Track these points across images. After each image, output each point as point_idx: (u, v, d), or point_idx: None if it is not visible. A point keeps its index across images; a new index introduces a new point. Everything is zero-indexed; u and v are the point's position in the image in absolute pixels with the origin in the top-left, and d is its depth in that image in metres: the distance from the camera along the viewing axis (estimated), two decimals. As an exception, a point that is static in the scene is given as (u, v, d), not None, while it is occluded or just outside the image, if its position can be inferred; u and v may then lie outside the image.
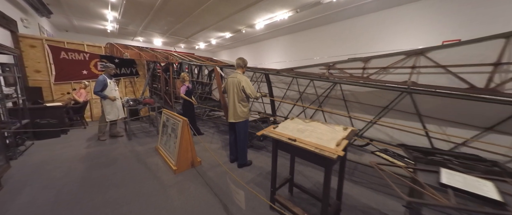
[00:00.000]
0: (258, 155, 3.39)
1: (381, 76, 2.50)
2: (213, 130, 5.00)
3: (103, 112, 3.92)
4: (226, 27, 8.36)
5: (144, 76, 6.74)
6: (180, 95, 4.05)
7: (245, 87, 2.58)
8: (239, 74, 2.67)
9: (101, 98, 3.86)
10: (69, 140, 3.99)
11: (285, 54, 9.51)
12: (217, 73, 3.63)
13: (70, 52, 5.25)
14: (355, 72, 2.74)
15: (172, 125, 3.00)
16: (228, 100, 2.80)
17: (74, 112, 4.67)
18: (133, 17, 7.30)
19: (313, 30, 7.91)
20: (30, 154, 3.23)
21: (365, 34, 6.45)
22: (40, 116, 3.98)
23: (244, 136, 2.79)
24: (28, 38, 4.68)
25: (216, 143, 4.00)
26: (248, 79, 2.64)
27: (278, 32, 8.61)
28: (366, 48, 6.37)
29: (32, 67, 4.80)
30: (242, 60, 2.73)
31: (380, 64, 2.48)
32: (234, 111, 2.70)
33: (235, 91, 2.64)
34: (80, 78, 5.41)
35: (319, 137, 1.55)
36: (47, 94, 5.03)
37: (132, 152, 3.44)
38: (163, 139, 3.31)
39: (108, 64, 3.88)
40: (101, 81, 3.76)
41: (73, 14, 6.96)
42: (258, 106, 4.80)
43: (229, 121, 2.77)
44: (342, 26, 7.00)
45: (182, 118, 2.74)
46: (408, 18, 5.54)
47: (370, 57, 2.53)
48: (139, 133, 4.58)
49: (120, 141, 4.03)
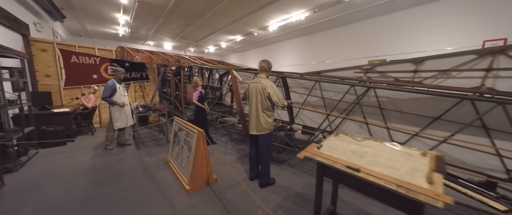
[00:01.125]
0: (279, 170, 2.97)
1: (440, 82, 2.03)
2: (225, 138, 4.63)
3: (111, 118, 3.66)
4: (237, 30, 8.10)
5: (154, 81, 6.55)
6: (192, 101, 3.72)
7: (271, 94, 2.19)
8: (264, 79, 2.29)
9: (109, 105, 3.61)
10: (75, 149, 3.74)
11: (298, 57, 9.10)
12: (234, 78, 3.28)
13: (80, 56, 5.12)
14: (403, 76, 2.28)
15: (185, 136, 2.65)
16: (249, 109, 2.41)
17: (82, 118, 4.47)
18: (144, 20, 7.20)
19: (330, 31, 7.46)
20: (33, 164, 2.98)
21: (390, 35, 5.93)
22: (47, 122, 3.77)
23: (268, 150, 2.38)
24: (40, 42, 4.57)
25: (230, 154, 3.61)
26: (274, 85, 2.25)
27: (291, 34, 8.24)
28: (392, 50, 5.85)
29: (42, 72, 4.68)
30: (267, 63, 2.35)
31: (439, 66, 2.01)
32: (256, 121, 2.31)
33: (259, 98, 2.26)
34: (90, 82, 5.26)
35: (391, 165, 1.12)
36: (56, 99, 4.89)
37: (140, 164, 3.11)
38: (174, 150, 2.96)
39: (118, 68, 3.63)
40: (109, 87, 3.51)
41: (86, 18, 6.94)
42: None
43: (250, 133, 2.38)
44: (364, 26, 6.50)
45: (197, 128, 2.37)
46: (444, 16, 4.97)
47: (424, 58, 2.07)
48: (148, 141, 4.29)
49: (128, 150, 3.74)
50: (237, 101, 3.26)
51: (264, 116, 2.28)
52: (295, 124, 3.86)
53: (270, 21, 6.85)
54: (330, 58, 7.65)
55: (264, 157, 2.37)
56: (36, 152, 3.39)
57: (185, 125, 2.74)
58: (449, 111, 1.99)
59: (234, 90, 3.27)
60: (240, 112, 3.27)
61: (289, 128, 3.69)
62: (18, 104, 2.93)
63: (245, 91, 2.51)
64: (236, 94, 3.25)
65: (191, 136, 2.48)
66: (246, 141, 4.38)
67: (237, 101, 3.26)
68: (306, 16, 5.93)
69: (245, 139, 4.45)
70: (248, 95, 2.42)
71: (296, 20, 6.24)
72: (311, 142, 2.91)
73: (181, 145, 2.76)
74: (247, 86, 2.44)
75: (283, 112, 4.23)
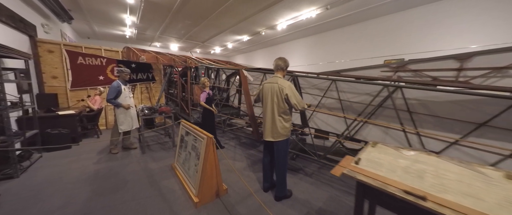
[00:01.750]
0: (295, 179, 2.70)
1: (493, 81, 1.72)
2: (234, 142, 4.40)
3: (116, 121, 3.51)
4: (244, 30, 7.91)
5: (161, 82, 6.43)
6: (200, 103, 3.52)
7: (289, 96, 1.94)
8: (280, 79, 2.04)
9: (114, 107, 3.46)
10: (79, 152, 3.61)
11: (306, 57, 8.80)
12: (244, 78, 3.05)
13: (87, 57, 5.05)
14: (444, 75, 1.98)
15: (193, 141, 2.44)
16: (263, 112, 2.17)
17: (87, 120, 4.36)
18: (151, 21, 7.12)
19: (342, 30, 7.13)
20: (34, 170, 2.85)
21: (408, 33, 5.56)
22: (51, 125, 3.67)
23: (284, 159, 2.13)
24: (47, 43, 4.51)
25: (240, 160, 3.38)
26: (293, 86, 2.00)
27: (300, 33, 7.97)
28: (410, 48, 5.47)
29: (49, 73, 4.61)
30: (284, 61, 2.10)
31: (490, 63, 1.71)
32: (272, 126, 2.06)
33: (275, 101, 2.01)
34: (96, 84, 5.17)
35: (468, 192, 0.85)
36: (62, 101, 4.82)
37: (145, 170, 2.92)
38: (181, 156, 2.75)
39: (123, 69, 3.48)
40: (114, 88, 3.36)
41: (93, 19, 6.94)
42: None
43: (265, 139, 2.13)
44: (378, 24, 6.15)
45: (207, 134, 2.15)
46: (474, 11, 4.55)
47: (471, 53, 1.77)
48: (154, 145, 4.12)
49: (132, 154, 3.58)
50: (248, 104, 3.03)
51: (281, 120, 2.03)
52: (308, 128, 3.59)
53: (278, 20, 6.62)
54: (340, 58, 7.32)
55: (280, 166, 2.12)
56: (39, 156, 3.28)
57: (192, 129, 2.52)
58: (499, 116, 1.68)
59: (245, 91, 3.04)
60: (251, 115, 3.03)
61: (301, 131, 3.42)
62: (19, 107, 2.81)
63: (258, 93, 2.27)
64: (247, 96, 3.02)
65: (199, 141, 2.26)
66: (255, 145, 4.14)
67: (248, 103, 3.03)
68: (318, 13, 5.65)
69: (255, 143, 4.21)
70: (262, 97, 2.18)
71: (306, 18, 5.97)
72: (332, 150, 2.63)
73: (188, 151, 2.55)
74: (261, 87, 2.20)
75: (294, 113, 3.97)
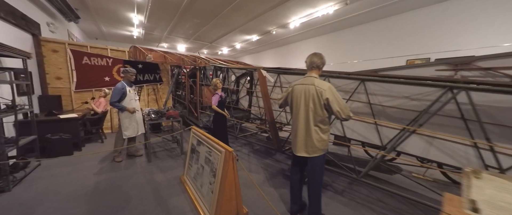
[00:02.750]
0: (325, 199, 2.28)
1: None
2: (246, 149, 4.02)
3: (120, 126, 3.20)
4: (254, 29, 7.56)
5: (168, 84, 6.15)
6: (212, 107, 3.16)
7: (331, 100, 1.54)
8: (317, 80, 1.65)
9: (118, 110, 3.15)
10: (81, 160, 3.32)
11: (319, 58, 8.34)
12: (263, 79, 2.66)
13: (92, 57, 4.81)
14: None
15: (207, 153, 2.07)
16: (293, 121, 1.77)
17: (91, 124, 4.09)
18: (158, 20, 6.90)
19: (359, 27, 6.65)
20: (29, 182, 2.56)
21: (434, 29, 5.04)
22: (52, 130, 3.40)
23: (320, 178, 1.73)
24: (51, 42, 4.30)
25: (256, 171, 2.99)
26: (334, 88, 1.60)
27: (312, 32, 7.55)
28: (437, 46, 4.95)
29: (53, 74, 4.39)
30: (320, 57, 1.70)
31: None
32: (306, 139, 1.66)
33: (311, 107, 1.61)
34: (101, 85, 4.93)
35: None
36: (67, 103, 4.59)
37: (151, 183, 2.58)
38: (192, 169, 2.39)
39: (128, 69, 3.18)
40: (119, 90, 3.05)
41: (101, 18, 6.77)
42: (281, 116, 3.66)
43: (296, 154, 1.73)
44: (400, 20, 5.64)
45: (225, 146, 1.77)
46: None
47: None
48: (160, 151, 3.79)
49: (138, 163, 3.25)
50: (267, 108, 2.64)
51: (318, 131, 1.63)
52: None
53: (291, 18, 6.23)
54: (353, 59, 6.84)
55: (316, 186, 1.71)
56: (38, 164, 3.00)
57: (206, 138, 2.16)
58: None
59: (264, 94, 2.65)
60: (270, 121, 2.64)
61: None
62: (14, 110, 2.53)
63: (285, 96, 1.88)
64: (266, 100, 2.63)
65: (215, 155, 1.89)
66: (271, 153, 3.74)
67: (267, 108, 2.64)
68: (336, 9, 5.23)
69: (270, 151, 3.81)
70: (291, 101, 1.79)
71: (322, 14, 5.55)
72: (373, 166, 2.19)
73: (200, 164, 2.18)
74: (290, 90, 1.81)
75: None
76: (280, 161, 3.40)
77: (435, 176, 2.78)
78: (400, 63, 5.56)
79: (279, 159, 3.52)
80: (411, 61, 5.41)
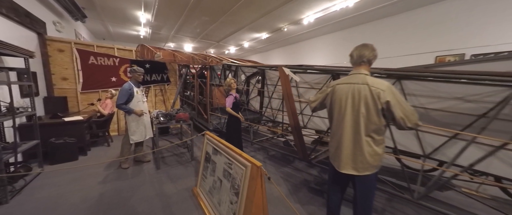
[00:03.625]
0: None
1: None
2: (261, 154, 3.70)
3: (127, 130, 2.95)
4: (264, 26, 7.24)
5: (176, 84, 5.92)
6: (227, 109, 2.86)
7: (393, 104, 1.19)
8: (371, 78, 1.30)
9: (125, 113, 2.90)
10: (85, 166, 3.10)
11: (330, 56, 7.91)
12: (285, 78, 2.33)
13: (99, 57, 4.63)
14: None
15: (226, 165, 1.76)
16: (336, 128, 1.43)
17: (97, 126, 3.88)
18: (166, 18, 6.69)
19: (379, 22, 6.17)
20: (30, 191, 2.33)
21: (470, 21, 4.53)
22: (56, 133, 3.20)
23: (371, 200, 1.38)
24: (56, 41, 4.13)
25: (277, 182, 2.65)
26: (394, 88, 1.25)
27: (327, 28, 7.13)
28: (473, 41, 4.45)
29: (59, 74, 4.23)
30: (371, 49, 1.35)
31: None
32: (354, 152, 1.31)
33: (363, 112, 1.26)
34: (108, 86, 4.74)
35: None
36: (73, 104, 4.42)
37: (161, 195, 2.30)
38: (206, 181, 2.09)
39: (135, 68, 2.92)
40: (125, 91, 2.80)
41: (107, 17, 6.63)
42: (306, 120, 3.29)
43: (340, 171, 1.39)
44: (429, 12, 5.11)
45: (250, 159, 1.46)
46: None
47: None
48: (169, 157, 3.53)
49: (145, 170, 2.99)
50: (291, 112, 2.31)
51: (370, 142, 1.28)
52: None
53: (305, 13, 5.85)
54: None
55: (366, 212, 1.37)
56: (40, 170, 2.79)
57: (224, 147, 1.85)
58: None
59: (287, 95, 2.32)
60: (295, 126, 2.31)
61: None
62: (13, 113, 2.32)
63: (321, 98, 1.54)
64: (290, 102, 2.30)
65: (237, 169, 1.57)
66: (288, 160, 3.41)
67: (291, 111, 2.30)
68: (356, 1, 4.82)
69: (287, 157, 3.47)
70: (332, 105, 1.45)
71: (340, 8, 5.15)
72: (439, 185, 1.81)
73: (217, 177, 1.87)
74: (329, 90, 1.47)
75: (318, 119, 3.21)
76: (300, 170, 3.05)
77: (489, 191, 2.36)
78: (427, 61, 5.09)
79: (299, 167, 3.18)
80: (441, 59, 4.92)
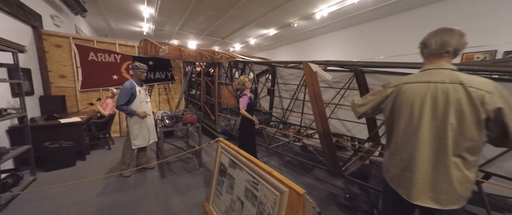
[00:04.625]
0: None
1: None
2: (275, 160, 3.36)
3: (129, 133, 2.64)
4: (273, 21, 6.85)
5: (180, 82, 5.59)
6: (241, 112, 2.52)
7: (505, 113, 0.83)
8: (464, 75, 0.94)
9: (126, 115, 2.59)
10: (83, 172, 2.80)
11: (342, 54, 7.49)
12: (313, 76, 1.97)
13: (99, 53, 4.32)
14: None
15: (250, 184, 1.41)
16: (403, 143, 1.07)
17: (97, 128, 3.58)
18: (170, 13, 6.35)
19: (400, 16, 5.71)
20: (18, 206, 2.04)
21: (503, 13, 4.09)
22: (52, 136, 2.90)
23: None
24: (53, 36, 3.83)
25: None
26: (505, 90, 0.89)
27: (341, 23, 6.70)
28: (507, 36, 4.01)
29: (56, 71, 3.93)
30: (458, 35, 0.98)
31: None
32: (434, 177, 0.95)
33: (452, 123, 0.90)
34: (109, 84, 4.44)
35: None
36: (71, 104, 4.13)
37: (166, 211, 1.98)
38: (222, 199, 1.76)
39: (138, 64, 2.60)
40: (127, 90, 2.48)
41: (109, 12, 6.32)
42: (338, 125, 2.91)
43: (412, 201, 1.02)
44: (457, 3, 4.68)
45: (288, 183, 1.11)
46: None
47: None
48: (174, 162, 3.21)
49: (149, 178, 2.68)
50: (320, 115, 1.95)
51: (460, 165, 0.93)
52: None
53: (319, 6, 5.45)
54: (383, 54, 5.94)
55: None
56: (32, 179, 2.49)
57: (244, 159, 1.51)
58: None
59: (314, 96, 1.96)
60: (326, 133, 1.95)
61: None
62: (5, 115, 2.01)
63: (377, 101, 1.19)
64: (319, 103, 1.94)
65: (267, 192, 1.23)
66: (307, 168, 3.06)
67: (320, 115, 1.95)
68: (378, -7, 4.41)
69: (305, 166, 3.12)
70: (397, 110, 1.09)
71: (358, 0, 4.74)
72: None
73: (236, 196, 1.54)
74: (389, 92, 1.12)
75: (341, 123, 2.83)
76: (323, 180, 2.70)
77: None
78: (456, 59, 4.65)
79: (320, 176, 2.83)
80: (469, 56, 4.48)
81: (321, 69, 1.93)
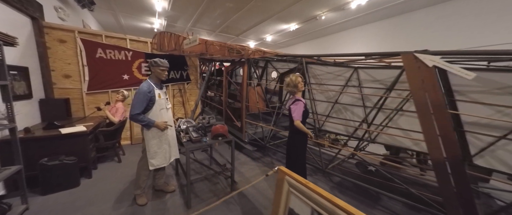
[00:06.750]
0: None
1: None
2: (333, 187, 2.67)
3: (145, 149, 2.03)
4: (296, 15, 6.15)
5: (196, 82, 5.00)
6: (295, 123, 1.85)
7: None
8: None
9: (142, 126, 1.98)
10: (88, 197, 2.23)
11: (372, 49, 6.68)
12: (424, 73, 1.28)
13: (108, 50, 3.77)
14: None
15: None
16: None
17: (106, 138, 3.01)
18: (184, 7, 5.78)
19: (446, 4, 4.87)
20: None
21: None
22: (51, 151, 2.35)
23: None
24: (57, 29, 3.30)
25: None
26: None
27: (374, 15, 5.91)
28: None
29: (60, 71, 3.41)
30: None
31: None
32: None
33: None
34: (119, 85, 3.89)
35: None
36: (77, 108, 3.60)
37: None
38: None
39: (158, 60, 1.98)
40: (144, 94, 1.87)
41: (118, 6, 5.82)
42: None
43: None
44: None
45: None
46: None
47: None
48: (197, 182, 2.59)
49: (170, 207, 2.07)
50: (444, 135, 1.26)
51: None
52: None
53: (356, -5, 4.72)
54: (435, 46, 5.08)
55: None
56: (24, 208, 1.92)
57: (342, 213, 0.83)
58: None
59: (425, 103, 1.27)
60: (454, 160, 1.26)
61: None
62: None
63: None
64: (441, 115, 1.25)
65: None
66: (377, 198, 2.36)
67: (444, 134, 1.25)
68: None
69: (370, 193, 2.42)
70: None
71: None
72: None
73: None
74: None
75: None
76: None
77: None
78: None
79: (396, 209, 2.12)
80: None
81: (447, 63, 1.23)
